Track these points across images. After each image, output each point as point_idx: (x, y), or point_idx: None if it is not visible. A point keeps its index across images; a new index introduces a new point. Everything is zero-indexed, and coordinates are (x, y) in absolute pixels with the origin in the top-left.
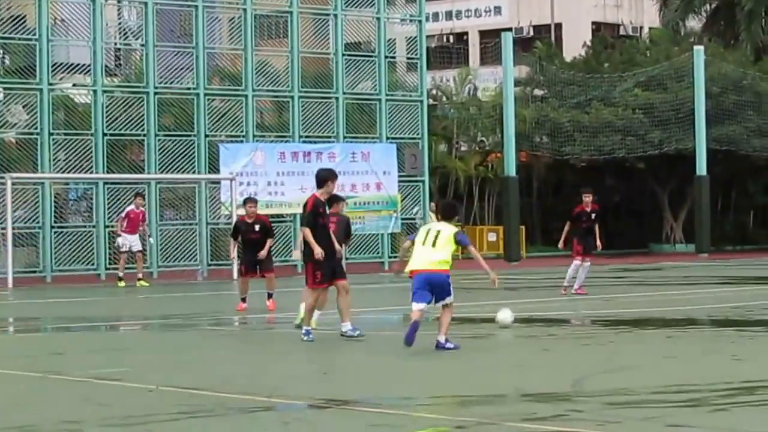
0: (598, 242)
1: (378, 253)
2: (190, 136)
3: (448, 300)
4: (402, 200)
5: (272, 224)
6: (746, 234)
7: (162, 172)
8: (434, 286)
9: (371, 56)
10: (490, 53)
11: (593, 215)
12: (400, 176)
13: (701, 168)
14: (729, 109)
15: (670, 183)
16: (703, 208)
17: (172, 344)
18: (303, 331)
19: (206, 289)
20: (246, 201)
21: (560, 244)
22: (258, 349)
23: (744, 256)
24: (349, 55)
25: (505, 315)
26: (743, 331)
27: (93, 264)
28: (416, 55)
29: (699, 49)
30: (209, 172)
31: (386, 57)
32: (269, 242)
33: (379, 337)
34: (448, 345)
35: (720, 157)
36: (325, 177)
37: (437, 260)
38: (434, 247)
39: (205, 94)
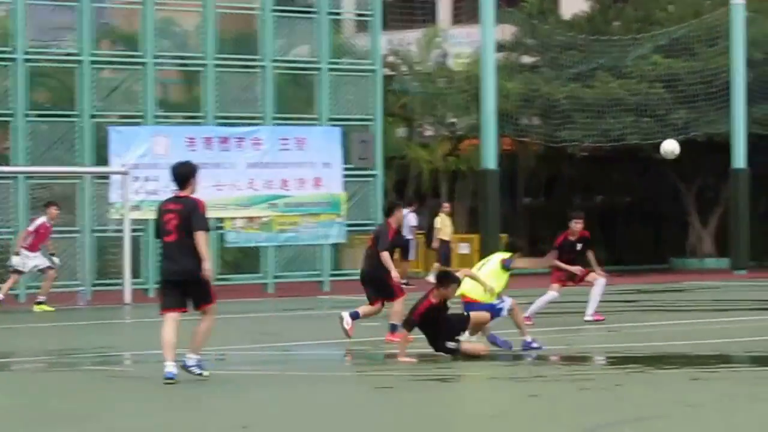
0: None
1: (316, 269)
2: (70, 116)
3: None
4: (348, 200)
5: None
6: None
7: (33, 164)
8: None
9: (309, 13)
10: (465, 9)
11: (579, 245)
12: (345, 169)
13: (738, 159)
14: None
15: (698, 179)
16: (740, 212)
17: (40, 389)
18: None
19: (90, 317)
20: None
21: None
22: (157, 394)
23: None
24: (280, 11)
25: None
26: None
27: None
28: (368, 11)
29: (738, 4)
30: (95, 164)
31: (329, 14)
32: None
33: (317, 378)
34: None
35: (763, 146)
36: (186, 174)
37: None
38: None
39: (91, 62)
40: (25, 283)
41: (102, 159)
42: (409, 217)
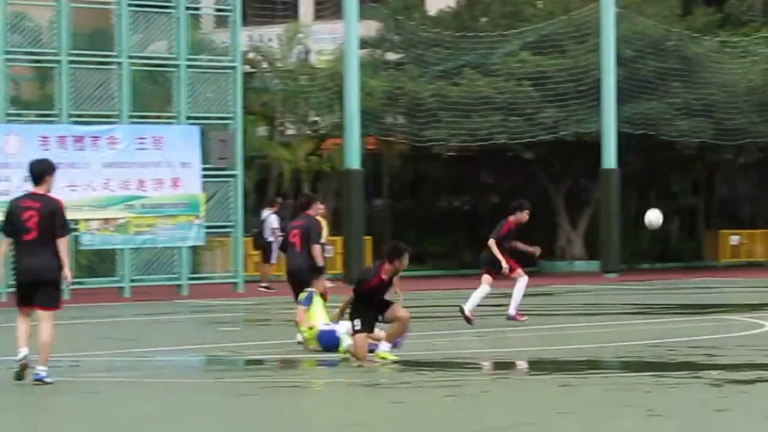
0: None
1: (174, 272)
2: None
3: None
4: (207, 201)
5: None
6: (668, 247)
7: None
8: None
9: (167, 8)
10: (328, 4)
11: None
12: (204, 169)
13: (609, 159)
14: (647, 80)
15: (568, 179)
16: (611, 214)
17: None
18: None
19: None
20: None
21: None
22: (7, 402)
23: (665, 276)
24: (136, 6)
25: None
26: (662, 378)
27: None
28: (228, 6)
29: (608, 0)
30: None
31: (187, 8)
32: None
33: (174, 384)
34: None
35: (635, 145)
36: (42, 171)
37: None
38: None
39: None
40: None
41: None
42: (270, 219)
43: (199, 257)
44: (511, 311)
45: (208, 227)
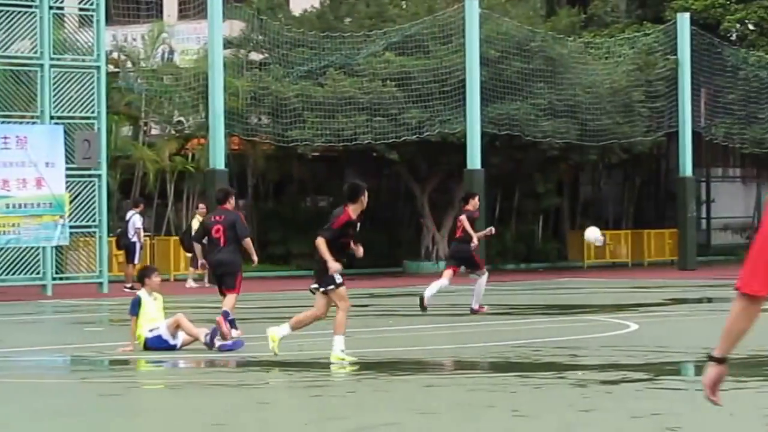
0: None
1: (38, 273)
2: None
3: None
4: (71, 201)
5: None
6: (533, 248)
7: None
8: None
9: (29, 7)
10: (192, 4)
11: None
12: (68, 169)
13: (474, 160)
14: (511, 81)
15: (433, 180)
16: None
17: None
18: None
19: None
20: None
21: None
22: None
23: (530, 277)
24: None
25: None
26: (527, 378)
27: None
28: (91, 5)
29: (472, 1)
30: None
31: (50, 8)
32: None
33: (38, 385)
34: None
35: (499, 145)
36: None
37: None
38: None
39: None
40: None
41: None
42: (134, 219)
43: (63, 257)
44: (474, 305)
45: (73, 227)
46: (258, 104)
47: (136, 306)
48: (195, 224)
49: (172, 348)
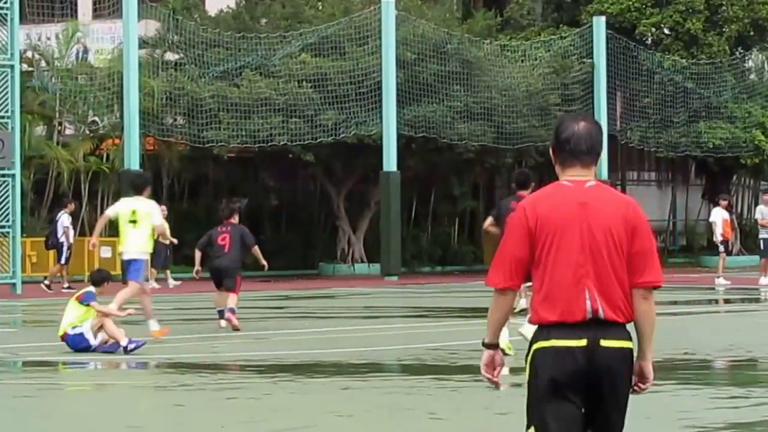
0: None
1: None
2: None
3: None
4: None
5: None
6: (449, 251)
7: None
8: None
9: None
10: (107, 3)
11: None
12: None
13: (390, 162)
14: (427, 83)
15: (348, 182)
16: (391, 217)
17: None
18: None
19: None
20: None
21: None
22: None
23: (445, 279)
24: None
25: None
26: (443, 381)
27: None
28: (5, 3)
29: (388, 2)
30: None
31: None
32: None
33: None
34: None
35: (415, 148)
36: None
37: None
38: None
39: None
40: None
41: None
42: (62, 219)
43: None
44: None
45: None
46: (173, 104)
47: (92, 296)
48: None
49: (88, 349)
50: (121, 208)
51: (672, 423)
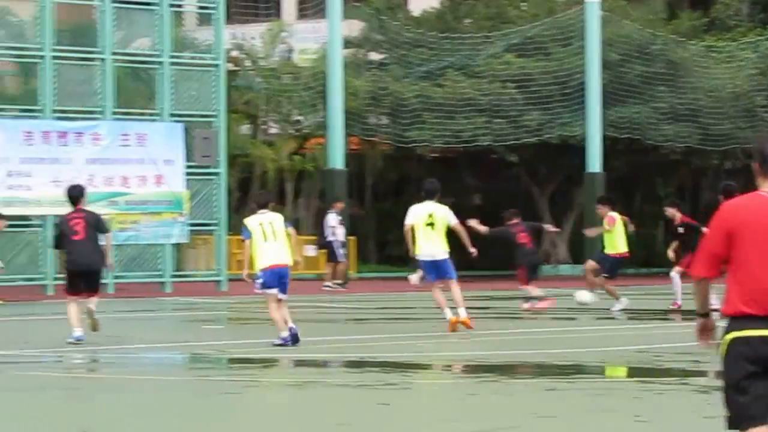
0: None
1: (158, 270)
2: None
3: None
4: (190, 199)
5: (16, 229)
6: (653, 253)
7: None
8: None
9: (150, 5)
10: (311, 3)
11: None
12: (188, 167)
13: (594, 162)
14: (632, 84)
15: (552, 183)
16: (594, 217)
17: None
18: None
19: None
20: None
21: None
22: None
23: (649, 281)
24: (119, 2)
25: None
26: (648, 384)
27: None
28: (211, 3)
29: (592, 2)
30: None
31: (171, 6)
32: None
33: (158, 382)
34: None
35: (620, 149)
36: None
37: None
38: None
39: None
40: None
41: None
42: (328, 218)
43: (182, 255)
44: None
45: (192, 225)
46: (377, 104)
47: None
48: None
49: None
50: (417, 213)
51: None
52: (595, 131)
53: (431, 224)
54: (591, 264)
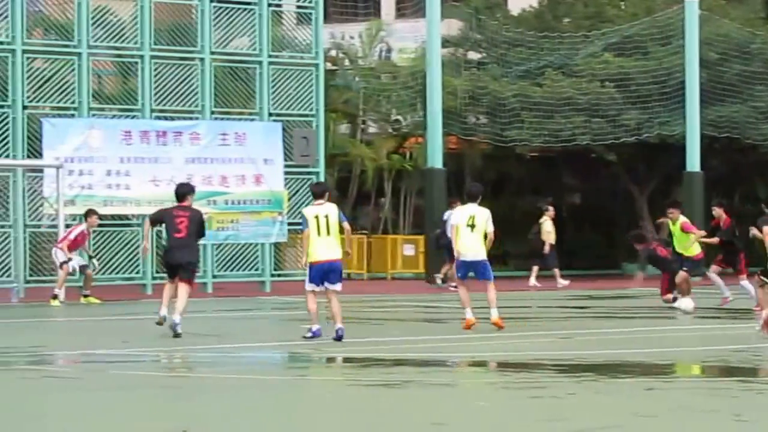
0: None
1: (257, 269)
2: (1, 107)
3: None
4: (290, 198)
5: (115, 228)
6: (753, 251)
7: None
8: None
9: (249, 4)
10: (410, 2)
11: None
12: (286, 166)
13: (693, 162)
14: (731, 83)
15: (651, 182)
16: (694, 216)
17: None
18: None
19: (23, 315)
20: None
21: None
22: (93, 395)
23: (749, 281)
24: (218, 1)
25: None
26: (748, 383)
27: None
28: (310, 3)
29: (692, 2)
30: (28, 157)
31: (269, 5)
32: None
33: (258, 381)
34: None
35: (718, 148)
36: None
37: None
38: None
39: (24, 51)
40: None
41: (35, 151)
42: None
43: (281, 254)
44: None
45: (291, 224)
46: (475, 104)
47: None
48: (548, 225)
49: None
50: (461, 215)
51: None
52: (694, 130)
53: (472, 226)
54: (682, 275)
